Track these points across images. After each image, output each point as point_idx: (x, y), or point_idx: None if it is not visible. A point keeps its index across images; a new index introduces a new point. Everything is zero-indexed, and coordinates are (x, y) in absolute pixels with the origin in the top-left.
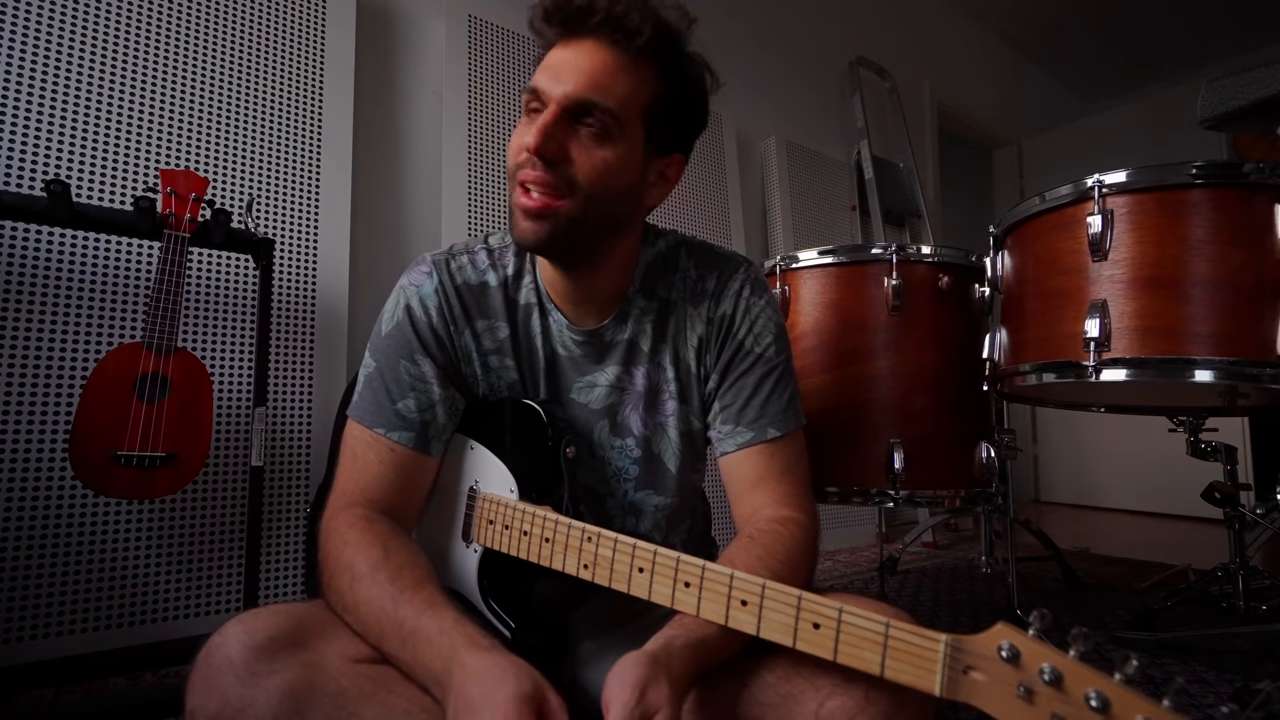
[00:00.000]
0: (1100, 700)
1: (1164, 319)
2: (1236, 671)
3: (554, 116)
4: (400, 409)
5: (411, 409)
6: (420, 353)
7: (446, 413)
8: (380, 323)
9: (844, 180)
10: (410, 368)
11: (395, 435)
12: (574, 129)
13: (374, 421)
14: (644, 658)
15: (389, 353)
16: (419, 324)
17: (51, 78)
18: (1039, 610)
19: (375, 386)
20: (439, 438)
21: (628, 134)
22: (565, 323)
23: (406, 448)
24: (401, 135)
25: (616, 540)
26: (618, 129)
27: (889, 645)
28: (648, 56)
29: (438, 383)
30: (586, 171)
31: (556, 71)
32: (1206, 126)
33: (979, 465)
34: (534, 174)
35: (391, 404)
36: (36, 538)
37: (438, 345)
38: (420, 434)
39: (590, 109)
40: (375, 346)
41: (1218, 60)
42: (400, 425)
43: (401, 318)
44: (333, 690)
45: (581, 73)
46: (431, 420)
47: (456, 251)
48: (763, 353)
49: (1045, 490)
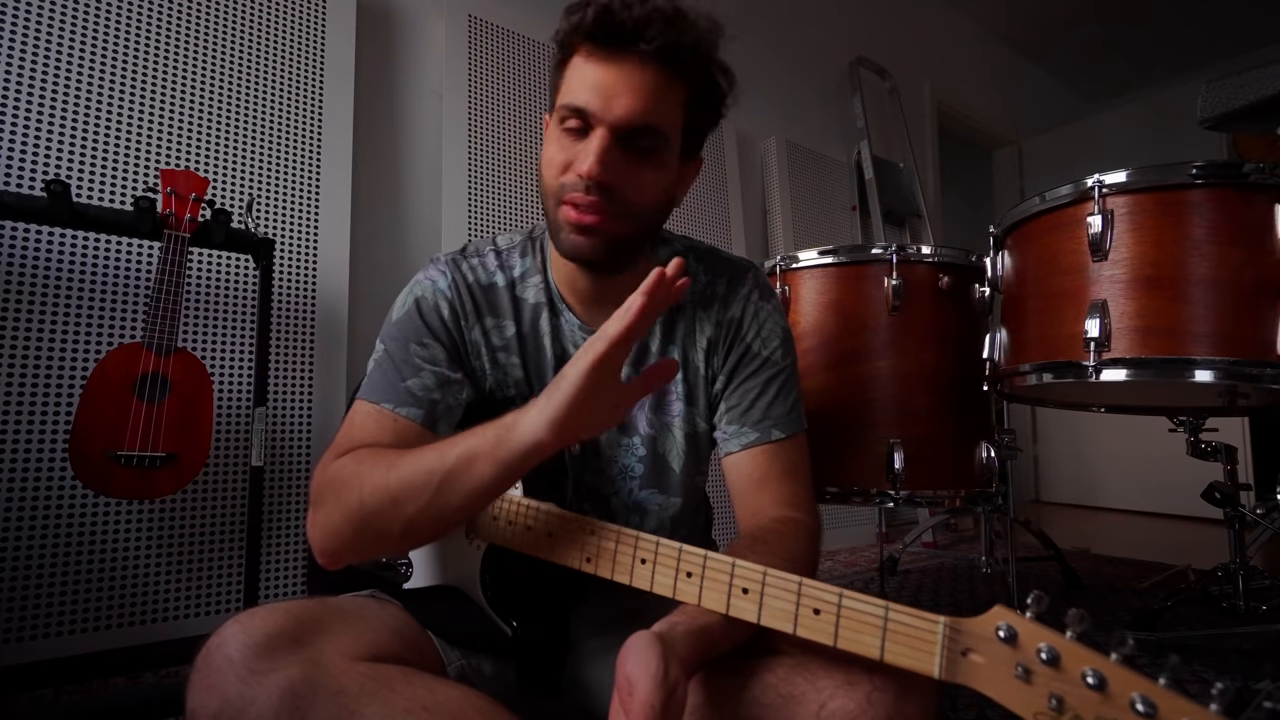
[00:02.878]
0: (1097, 678)
1: (1164, 319)
2: (1237, 671)
3: (609, 142)
4: (410, 386)
5: (420, 388)
6: (429, 337)
7: (454, 395)
8: (392, 311)
9: (844, 180)
10: (420, 350)
11: (404, 410)
12: (624, 151)
13: (382, 397)
14: (654, 637)
15: (399, 337)
16: (429, 313)
17: (51, 78)
18: (1036, 592)
19: (385, 367)
20: (446, 419)
21: (670, 150)
22: (577, 323)
23: (413, 423)
24: (401, 135)
25: (620, 533)
26: (665, 148)
27: (888, 629)
28: (684, 72)
29: (447, 365)
30: (638, 193)
31: (606, 93)
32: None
33: (979, 465)
34: (586, 199)
35: (401, 381)
36: (36, 538)
37: (447, 334)
38: (428, 412)
39: (642, 133)
40: (386, 333)
41: (1218, 60)
42: (409, 401)
43: (413, 306)
44: (334, 688)
45: (634, 95)
46: (440, 400)
47: (469, 253)
48: (769, 356)
49: (1045, 490)
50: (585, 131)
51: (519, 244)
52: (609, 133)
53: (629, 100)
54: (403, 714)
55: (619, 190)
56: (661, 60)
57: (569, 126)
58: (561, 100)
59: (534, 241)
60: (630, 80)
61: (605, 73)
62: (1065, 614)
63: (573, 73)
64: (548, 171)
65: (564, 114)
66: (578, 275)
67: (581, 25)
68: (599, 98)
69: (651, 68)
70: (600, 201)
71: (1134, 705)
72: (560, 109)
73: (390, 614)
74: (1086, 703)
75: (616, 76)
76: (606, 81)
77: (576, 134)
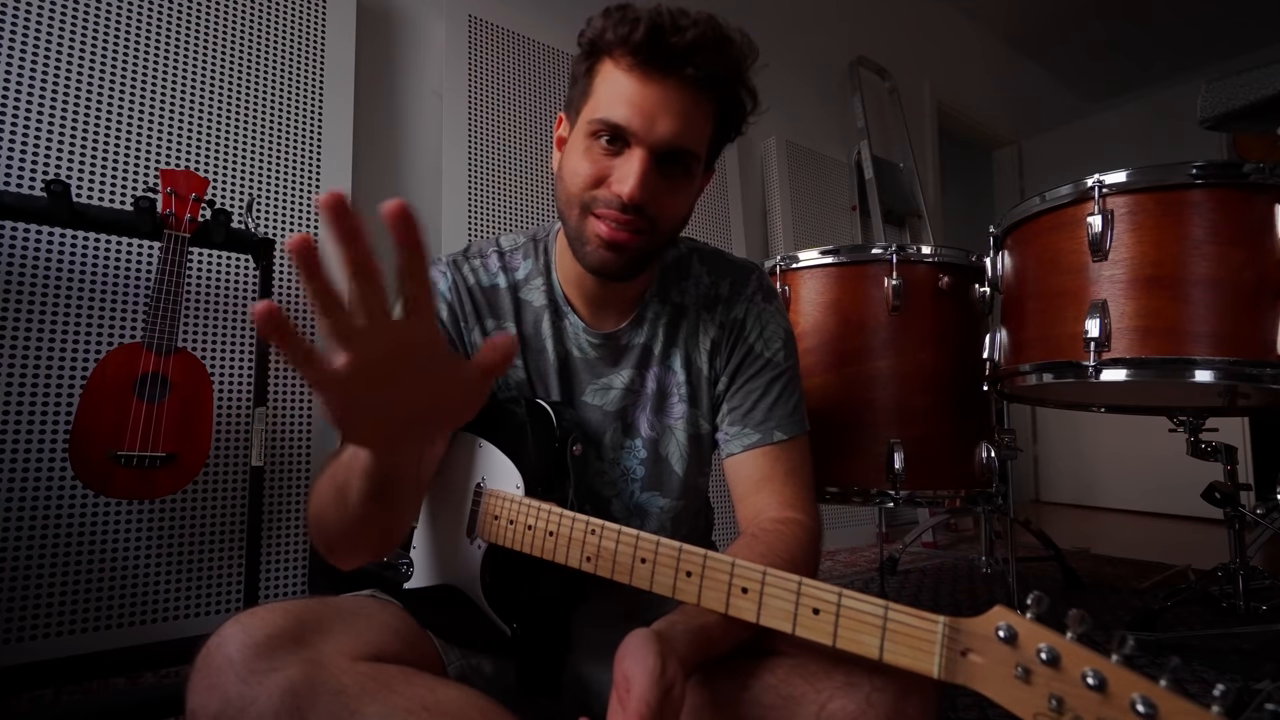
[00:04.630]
0: (1098, 679)
1: (1164, 319)
2: (1237, 671)
3: (649, 164)
4: None
5: None
6: None
7: None
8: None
9: (844, 180)
10: None
11: None
12: (659, 171)
13: None
14: (652, 635)
15: None
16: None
17: (51, 78)
18: (1036, 593)
19: None
20: None
21: (699, 168)
22: (582, 325)
23: None
24: (401, 135)
25: (620, 532)
26: (697, 168)
27: (887, 629)
28: (719, 94)
29: None
30: (670, 212)
31: (648, 113)
32: (1206, 126)
33: (979, 465)
34: (622, 217)
35: None
36: (36, 538)
37: (447, 337)
38: None
39: (679, 155)
40: None
41: (1218, 60)
42: None
43: None
44: (334, 688)
45: (676, 118)
46: None
47: (471, 254)
48: (772, 357)
49: (1045, 490)
50: (619, 146)
51: (522, 245)
52: (649, 154)
53: (671, 123)
54: (403, 714)
55: (652, 210)
56: (701, 85)
57: (602, 138)
58: (596, 112)
59: (538, 244)
60: (672, 103)
61: (648, 92)
62: (1065, 614)
63: (608, 83)
64: (573, 181)
65: (598, 127)
66: (586, 279)
67: (630, 39)
68: (641, 118)
69: (691, 90)
70: (635, 220)
71: (1134, 706)
72: (595, 122)
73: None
74: (1087, 703)
75: (659, 97)
76: (649, 101)
77: (609, 147)
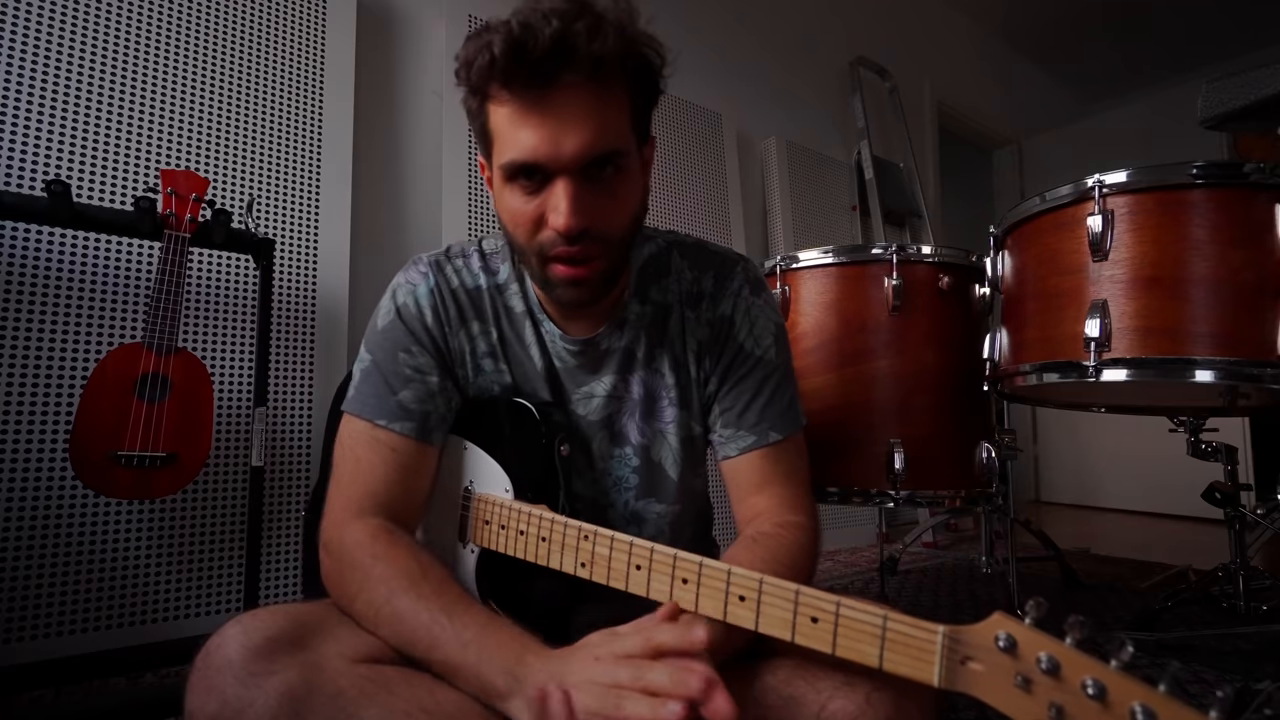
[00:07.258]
0: (1097, 687)
1: (1164, 319)
2: (1237, 671)
3: (575, 187)
4: (401, 399)
5: (412, 400)
6: (416, 345)
7: (445, 404)
8: (376, 318)
9: (844, 180)
10: (409, 359)
11: (397, 426)
12: (590, 186)
13: (375, 413)
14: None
15: (387, 346)
16: (413, 321)
17: (51, 78)
18: (1035, 599)
19: (374, 379)
20: (439, 428)
21: (631, 158)
22: (558, 333)
23: (409, 438)
24: (402, 136)
25: (614, 538)
26: (627, 160)
27: (886, 637)
28: (618, 72)
29: (436, 374)
30: (618, 219)
31: (548, 138)
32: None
33: (979, 465)
34: (570, 249)
35: (392, 394)
36: (36, 538)
37: (432, 341)
38: (422, 424)
39: (603, 160)
40: (371, 341)
41: (1217, 60)
42: (401, 416)
43: (397, 314)
44: (332, 690)
45: (580, 128)
46: (432, 410)
47: (453, 254)
48: (763, 355)
49: (1045, 490)
50: (539, 180)
51: (501, 249)
52: (570, 178)
53: (577, 136)
54: (402, 716)
55: (597, 228)
56: (591, 77)
57: (519, 182)
58: (503, 156)
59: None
60: (569, 114)
61: (539, 117)
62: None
63: (499, 122)
64: (517, 230)
65: (510, 172)
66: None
67: (494, 70)
68: (545, 146)
69: (583, 88)
70: (585, 248)
71: (1134, 714)
72: (504, 168)
73: None
74: (1087, 712)
75: (553, 116)
76: (545, 125)
77: (529, 183)
